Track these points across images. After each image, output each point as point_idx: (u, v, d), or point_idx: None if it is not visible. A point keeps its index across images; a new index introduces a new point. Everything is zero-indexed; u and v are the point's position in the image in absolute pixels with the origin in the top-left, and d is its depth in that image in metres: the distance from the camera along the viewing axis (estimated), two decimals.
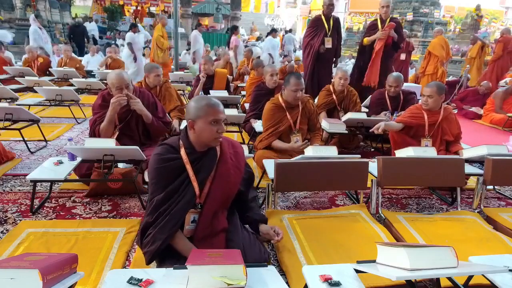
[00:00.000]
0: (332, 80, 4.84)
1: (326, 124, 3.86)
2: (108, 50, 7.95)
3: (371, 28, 5.34)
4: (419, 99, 4.40)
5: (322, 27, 5.43)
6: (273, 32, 10.66)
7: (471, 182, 3.22)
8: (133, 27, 8.42)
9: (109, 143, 2.64)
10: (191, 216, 1.73)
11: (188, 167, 1.71)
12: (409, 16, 11.90)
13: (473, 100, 6.84)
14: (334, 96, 4.27)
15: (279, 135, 3.25)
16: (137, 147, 2.51)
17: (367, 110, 4.58)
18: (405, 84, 5.22)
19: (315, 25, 5.55)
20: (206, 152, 1.76)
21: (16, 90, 5.31)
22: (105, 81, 3.03)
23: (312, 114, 3.37)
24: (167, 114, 3.44)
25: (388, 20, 5.13)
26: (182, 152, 1.73)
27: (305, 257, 1.96)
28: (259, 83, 4.65)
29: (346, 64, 10.23)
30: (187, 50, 11.76)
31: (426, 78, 7.73)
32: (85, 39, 12.16)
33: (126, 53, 8.02)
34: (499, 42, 8.01)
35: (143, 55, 9.43)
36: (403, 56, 7.92)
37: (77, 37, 12.01)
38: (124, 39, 11.71)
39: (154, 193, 1.69)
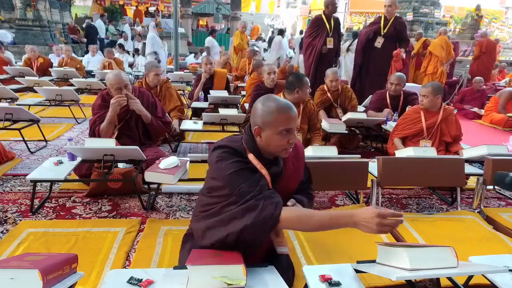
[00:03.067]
0: None
1: (326, 124, 3.86)
2: (106, 51, 7.94)
3: (373, 24, 5.40)
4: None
5: (324, 28, 5.42)
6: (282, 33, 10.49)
7: (471, 182, 3.22)
8: (213, 32, 9.12)
9: (109, 143, 2.63)
10: None
11: (265, 172, 1.46)
12: (409, 16, 11.85)
13: (472, 99, 6.84)
14: (328, 94, 4.31)
15: None
16: (137, 147, 2.51)
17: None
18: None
19: (316, 26, 5.54)
20: (273, 158, 1.55)
21: (16, 90, 5.31)
22: (105, 81, 3.04)
23: (312, 114, 3.39)
24: (166, 114, 3.44)
25: (392, 19, 5.15)
26: (251, 157, 1.48)
27: (305, 257, 1.96)
28: (258, 83, 4.65)
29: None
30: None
31: (427, 77, 7.74)
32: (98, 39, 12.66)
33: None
34: (477, 45, 9.06)
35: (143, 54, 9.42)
36: (402, 56, 7.93)
37: (91, 37, 12.49)
38: (125, 39, 11.76)
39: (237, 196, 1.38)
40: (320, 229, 1.35)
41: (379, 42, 5.21)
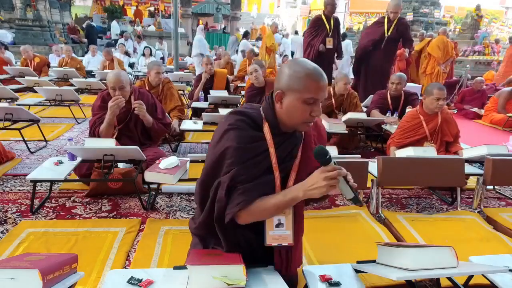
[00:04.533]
0: (332, 80, 4.84)
1: (326, 124, 3.86)
2: (104, 52, 7.93)
3: (377, 25, 5.39)
4: (419, 100, 4.40)
5: (323, 27, 5.44)
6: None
7: (471, 182, 3.22)
8: (246, 35, 9.39)
9: (109, 143, 2.63)
10: (275, 219, 1.33)
11: (272, 150, 1.31)
12: (409, 16, 11.87)
13: (471, 99, 6.84)
14: (332, 100, 4.22)
15: None
16: (137, 147, 2.51)
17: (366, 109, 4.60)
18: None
19: (316, 25, 5.55)
20: (290, 134, 1.37)
21: (16, 90, 5.31)
22: (105, 81, 3.05)
23: None
24: (166, 114, 3.44)
25: (395, 21, 5.14)
26: (266, 129, 1.33)
27: (306, 257, 1.96)
28: (251, 83, 4.65)
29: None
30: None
31: (427, 78, 7.74)
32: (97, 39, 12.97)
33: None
34: (456, 47, 8.62)
35: (143, 54, 9.44)
36: (406, 56, 7.95)
37: (92, 37, 12.73)
38: (126, 39, 11.76)
39: (231, 175, 1.27)
40: (276, 211, 1.27)
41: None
